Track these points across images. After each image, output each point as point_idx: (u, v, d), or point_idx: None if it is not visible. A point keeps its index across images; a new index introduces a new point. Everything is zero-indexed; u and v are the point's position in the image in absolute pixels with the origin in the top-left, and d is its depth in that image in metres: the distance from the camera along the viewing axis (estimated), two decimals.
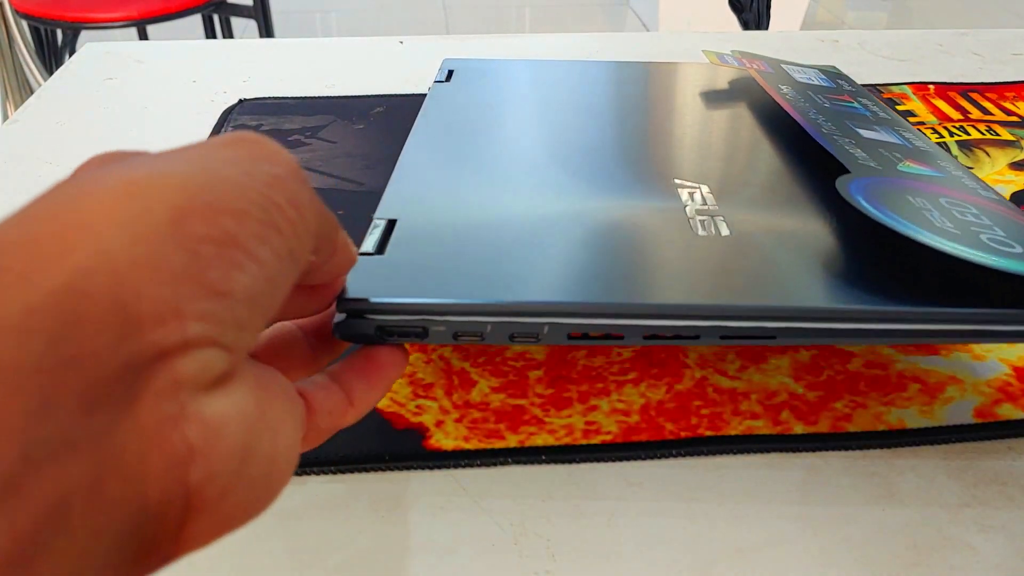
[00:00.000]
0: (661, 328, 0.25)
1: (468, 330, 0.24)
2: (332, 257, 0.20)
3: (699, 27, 2.43)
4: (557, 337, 0.24)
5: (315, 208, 0.18)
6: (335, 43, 0.66)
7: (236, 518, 0.16)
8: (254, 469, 0.16)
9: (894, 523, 0.27)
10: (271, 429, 0.16)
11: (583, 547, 0.26)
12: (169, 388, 0.14)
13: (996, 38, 0.68)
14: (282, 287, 0.17)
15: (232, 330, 0.15)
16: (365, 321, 0.24)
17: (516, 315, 0.24)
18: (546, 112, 0.40)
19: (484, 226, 0.29)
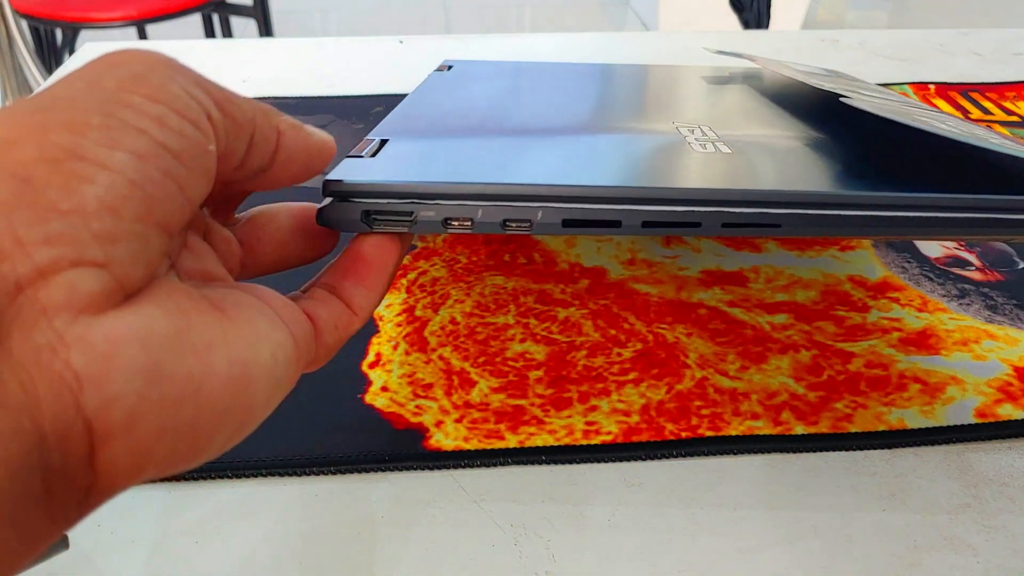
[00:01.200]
0: (660, 214, 0.23)
1: (458, 215, 0.23)
2: (274, 142, 0.20)
3: (699, 27, 2.43)
4: (552, 224, 0.23)
5: (201, 93, 0.17)
6: (335, 43, 0.66)
7: (162, 443, 0.15)
8: (169, 390, 0.15)
9: (895, 523, 0.27)
10: (196, 349, 0.16)
11: (583, 547, 0.26)
12: (36, 318, 0.14)
13: (996, 38, 0.68)
14: (167, 183, 0.16)
15: (97, 245, 0.14)
16: (350, 205, 0.23)
17: (509, 199, 0.23)
18: (547, 93, 0.40)
19: (479, 139, 0.29)
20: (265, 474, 0.28)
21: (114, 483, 0.15)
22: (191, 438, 0.16)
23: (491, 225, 0.23)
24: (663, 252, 0.40)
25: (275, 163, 0.20)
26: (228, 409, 0.16)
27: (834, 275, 0.38)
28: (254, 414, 0.17)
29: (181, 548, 0.26)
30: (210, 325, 0.16)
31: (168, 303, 0.16)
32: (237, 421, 0.17)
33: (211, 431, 0.16)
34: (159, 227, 0.16)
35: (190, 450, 0.16)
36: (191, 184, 0.17)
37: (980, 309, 0.36)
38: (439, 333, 0.35)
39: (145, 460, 0.15)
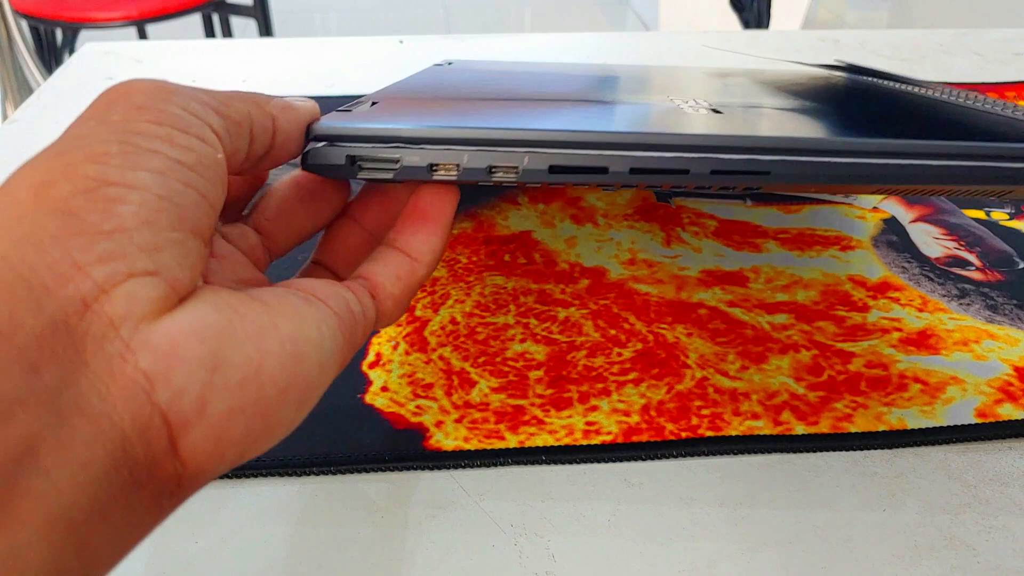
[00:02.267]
0: (649, 160, 0.23)
1: (444, 160, 0.23)
2: (271, 129, 0.21)
3: (699, 26, 2.43)
4: (538, 170, 0.23)
5: (199, 107, 0.19)
6: (335, 42, 0.66)
7: (236, 424, 0.17)
8: (231, 375, 0.17)
9: (895, 523, 0.27)
10: (249, 336, 0.17)
11: (583, 548, 0.26)
12: (106, 330, 0.15)
13: (996, 38, 0.68)
14: (189, 193, 0.18)
15: (145, 256, 0.16)
16: (335, 149, 0.23)
17: (495, 143, 0.23)
18: (545, 80, 0.40)
19: (469, 102, 0.29)
20: (265, 474, 0.28)
21: (202, 467, 0.17)
22: (261, 416, 0.17)
23: (477, 172, 0.23)
24: (663, 252, 0.40)
25: (274, 146, 0.22)
26: (289, 385, 0.18)
27: (834, 275, 0.38)
28: (312, 385, 0.19)
29: (181, 548, 0.26)
30: (257, 313, 0.18)
31: (216, 300, 0.17)
32: (298, 394, 0.18)
33: (277, 407, 0.18)
34: (193, 233, 0.18)
35: (263, 427, 0.17)
36: (210, 191, 0.18)
37: (980, 309, 0.36)
38: (439, 333, 0.35)
39: (224, 441, 0.17)
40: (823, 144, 0.23)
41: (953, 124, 0.27)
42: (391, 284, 0.23)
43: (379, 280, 0.23)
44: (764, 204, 0.44)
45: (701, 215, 0.43)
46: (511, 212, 0.43)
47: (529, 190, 0.45)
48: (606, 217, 0.43)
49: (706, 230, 0.42)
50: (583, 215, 0.43)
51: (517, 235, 0.41)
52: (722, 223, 0.42)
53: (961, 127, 0.26)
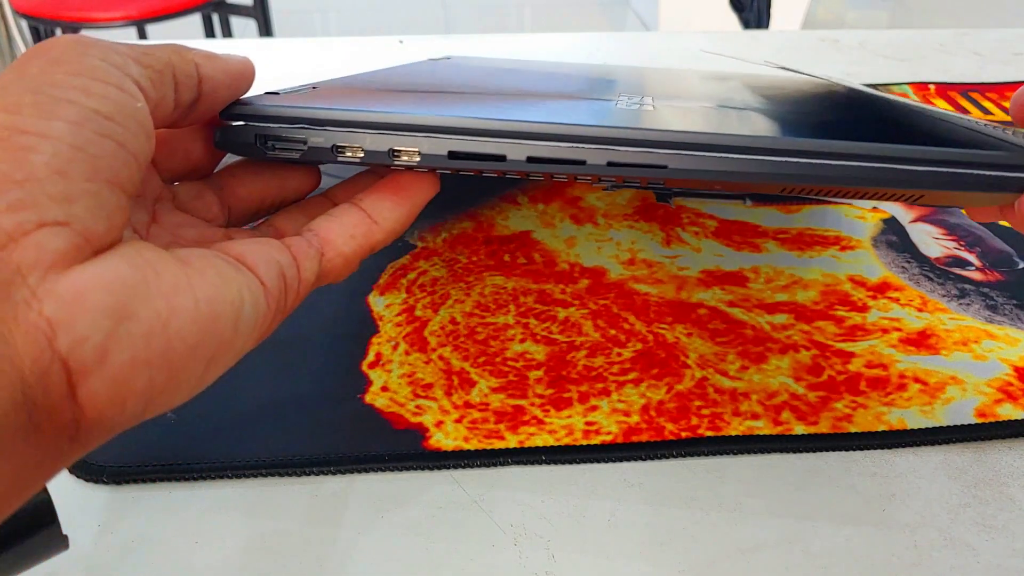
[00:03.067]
0: (546, 149, 0.23)
1: (348, 142, 0.24)
2: (195, 75, 0.22)
3: (699, 26, 2.43)
4: (438, 155, 0.23)
5: (118, 57, 0.19)
6: (335, 43, 0.66)
7: (138, 375, 0.17)
8: (137, 327, 0.17)
9: (895, 523, 0.27)
10: (163, 292, 0.17)
11: (583, 547, 0.26)
12: (12, 277, 0.16)
13: (996, 38, 0.68)
14: (106, 143, 0.17)
15: (56, 206, 0.16)
16: (245, 128, 0.24)
17: (396, 128, 0.23)
18: (518, 78, 0.40)
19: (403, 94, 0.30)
20: (265, 474, 0.28)
21: (102, 415, 0.17)
22: (166, 369, 0.17)
23: (380, 155, 0.24)
24: (663, 252, 0.40)
25: (202, 93, 0.22)
26: (199, 343, 0.18)
27: (834, 275, 0.38)
28: (225, 347, 0.19)
29: (181, 548, 0.26)
30: (175, 273, 0.18)
31: (134, 256, 0.18)
32: (209, 353, 0.18)
33: (184, 363, 0.18)
34: (110, 184, 0.17)
35: (168, 381, 0.18)
36: (130, 140, 0.18)
37: (980, 309, 0.36)
38: (439, 333, 0.35)
39: (125, 391, 0.17)
40: (720, 140, 0.23)
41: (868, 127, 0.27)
42: (343, 242, 0.23)
43: (331, 237, 0.23)
44: (764, 204, 0.44)
45: (701, 215, 0.43)
46: (511, 212, 0.43)
47: (529, 190, 0.45)
48: (606, 217, 0.43)
49: (706, 230, 0.42)
50: (583, 215, 0.43)
51: (517, 235, 0.41)
52: (722, 223, 0.42)
53: (878, 130, 0.26)
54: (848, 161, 0.22)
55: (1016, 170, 0.22)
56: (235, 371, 0.32)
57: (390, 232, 0.24)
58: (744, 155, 0.23)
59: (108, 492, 0.28)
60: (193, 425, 0.30)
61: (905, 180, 0.22)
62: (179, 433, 0.29)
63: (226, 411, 0.30)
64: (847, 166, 0.22)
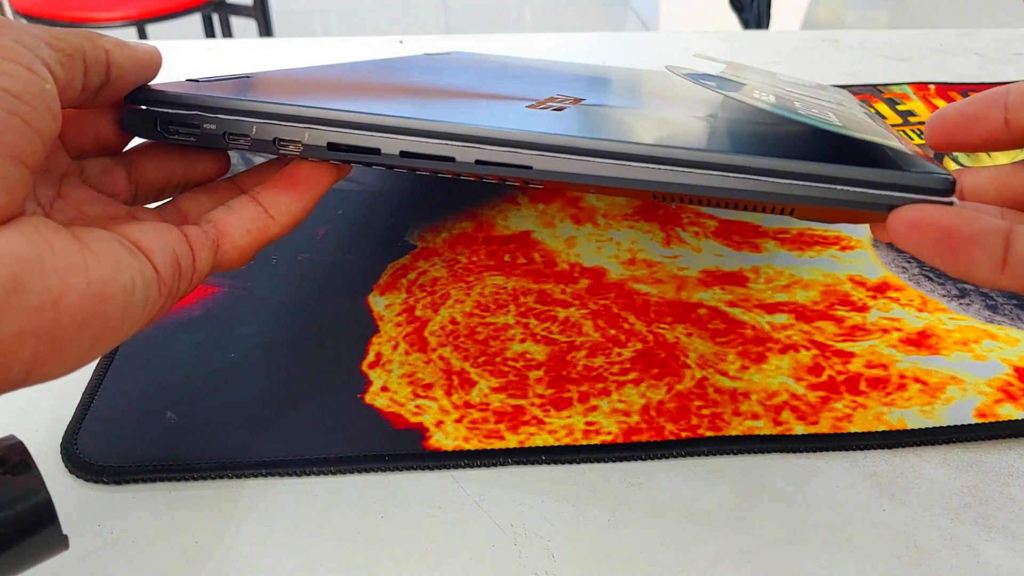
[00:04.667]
0: (417, 145, 0.24)
1: (235, 130, 0.25)
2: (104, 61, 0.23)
3: (699, 27, 2.43)
4: (318, 146, 0.25)
5: (30, 39, 0.20)
6: (335, 43, 0.66)
7: (24, 345, 0.18)
8: (27, 300, 0.18)
9: (895, 523, 0.27)
10: (56, 269, 0.18)
11: (583, 548, 0.26)
12: None
13: (996, 38, 0.68)
14: (12, 120, 0.18)
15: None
16: (146, 112, 0.25)
17: (280, 118, 0.25)
18: (483, 76, 0.41)
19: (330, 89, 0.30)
20: (265, 474, 0.28)
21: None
22: (51, 343, 0.19)
23: (265, 144, 0.25)
24: (663, 252, 0.40)
25: (110, 78, 0.23)
26: (86, 321, 0.19)
27: (834, 275, 0.38)
28: (112, 328, 0.20)
29: (181, 548, 0.26)
30: (71, 251, 0.19)
31: (32, 232, 0.18)
32: (95, 332, 0.19)
33: (70, 339, 0.19)
34: (13, 159, 0.18)
35: (53, 354, 0.19)
36: (36, 119, 0.19)
37: (980, 309, 0.36)
38: (439, 333, 0.35)
39: (9, 360, 0.18)
40: (582, 144, 0.23)
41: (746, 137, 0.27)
42: (240, 235, 0.24)
43: (228, 230, 0.24)
44: None
45: (701, 215, 0.43)
46: (511, 212, 0.43)
47: (529, 190, 0.45)
48: (606, 217, 0.43)
49: (706, 230, 0.42)
50: (583, 215, 0.43)
51: (517, 235, 0.41)
52: (722, 223, 0.42)
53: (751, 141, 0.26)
54: (704, 170, 0.23)
55: (883, 188, 0.21)
56: (235, 371, 0.32)
57: (285, 226, 0.25)
58: (603, 159, 0.23)
59: (108, 492, 0.28)
60: (193, 425, 0.30)
61: (755, 192, 0.22)
62: (179, 433, 0.29)
63: (226, 411, 0.30)
64: (706, 174, 0.23)
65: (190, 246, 0.23)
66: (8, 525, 0.19)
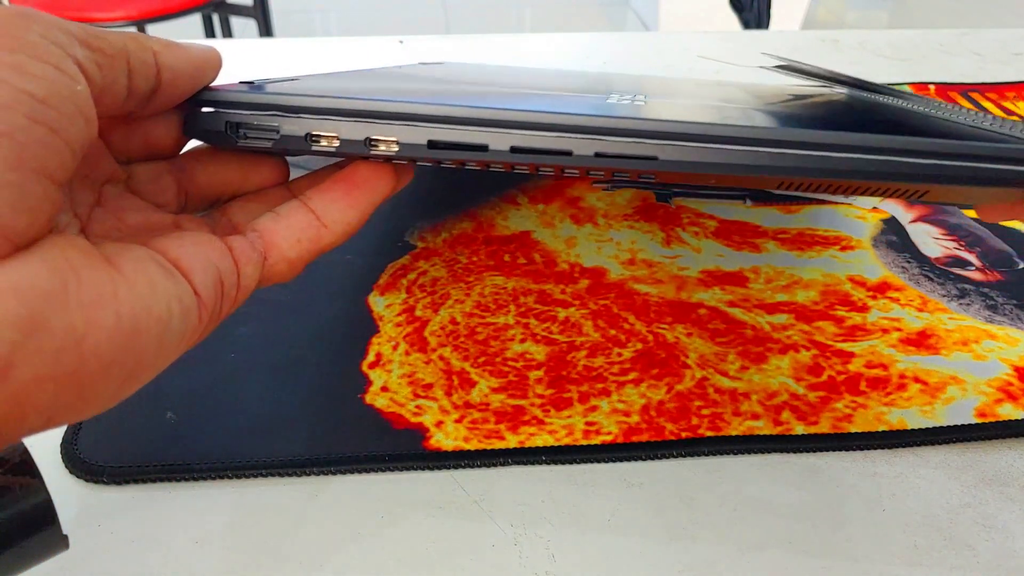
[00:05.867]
0: (530, 139, 0.22)
1: (322, 131, 0.23)
2: (153, 64, 0.20)
3: (699, 27, 2.43)
4: (417, 144, 0.22)
5: (62, 35, 0.17)
6: (335, 43, 0.66)
7: (43, 391, 0.16)
8: (48, 342, 0.15)
9: (895, 523, 0.27)
10: (82, 303, 0.16)
11: (583, 548, 0.26)
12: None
13: (996, 38, 0.68)
14: (35, 128, 0.16)
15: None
16: (215, 114, 0.23)
17: (373, 116, 0.22)
18: (506, 78, 0.40)
19: (384, 86, 0.29)
20: (265, 474, 0.28)
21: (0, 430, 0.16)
22: (75, 387, 0.16)
23: (356, 144, 0.23)
24: (663, 252, 0.40)
25: (162, 83, 0.21)
26: (115, 360, 0.17)
27: (834, 275, 0.38)
28: (145, 364, 0.18)
29: (181, 548, 0.26)
30: (101, 280, 0.17)
31: (56, 258, 0.16)
32: (125, 372, 0.17)
33: (96, 381, 0.17)
34: (37, 174, 0.16)
35: (76, 399, 0.16)
36: (64, 125, 0.16)
37: (980, 309, 0.36)
38: (439, 333, 0.35)
39: (26, 407, 0.16)
40: (715, 130, 0.22)
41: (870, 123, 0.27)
42: (289, 246, 0.22)
43: (276, 240, 0.22)
44: (764, 204, 0.44)
45: (701, 215, 0.43)
46: (511, 212, 0.43)
47: (529, 190, 0.45)
48: (606, 217, 0.43)
49: (706, 230, 0.42)
50: (583, 215, 0.43)
51: (517, 235, 0.41)
52: (722, 223, 0.42)
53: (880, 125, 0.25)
54: (851, 153, 0.21)
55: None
56: (236, 372, 0.32)
57: (340, 235, 0.23)
58: (741, 146, 0.22)
59: (108, 492, 0.28)
60: (193, 425, 0.30)
61: (907, 173, 0.22)
62: (179, 433, 0.29)
63: (226, 411, 0.30)
64: (850, 158, 0.21)
65: (234, 261, 0.21)
66: (8, 525, 0.19)
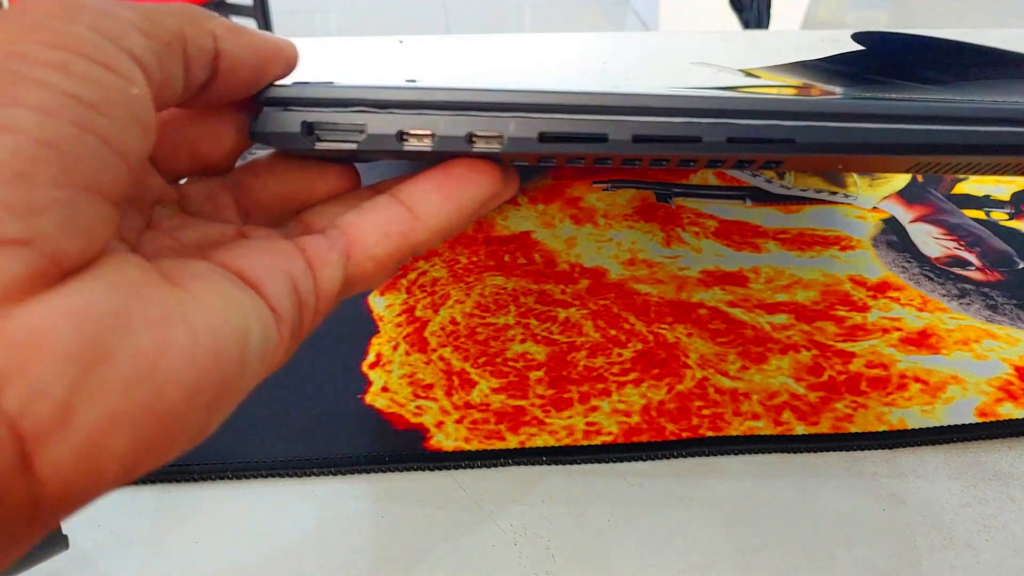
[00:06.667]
0: (654, 126, 0.20)
1: (416, 127, 0.20)
2: (212, 50, 0.17)
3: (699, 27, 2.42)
4: (527, 138, 0.20)
5: (114, 24, 0.15)
6: (335, 43, 0.66)
7: (118, 434, 0.13)
8: (115, 372, 0.13)
9: (895, 523, 0.27)
10: (149, 323, 0.14)
11: (583, 548, 0.26)
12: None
13: (996, 38, 0.68)
14: (86, 139, 0.14)
15: (14, 219, 0.12)
16: (289, 114, 0.20)
17: (476, 107, 0.20)
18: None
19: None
20: (265, 474, 0.28)
21: (72, 487, 0.13)
22: (156, 423, 0.14)
23: (455, 140, 0.20)
24: (663, 252, 0.40)
25: (218, 73, 0.18)
26: (197, 386, 0.14)
27: (834, 275, 0.38)
28: (231, 386, 0.15)
29: (181, 548, 0.26)
30: (165, 296, 0.14)
31: (114, 277, 0.14)
32: (209, 399, 0.14)
33: (180, 413, 0.14)
34: (89, 191, 0.14)
35: (159, 437, 0.14)
36: (118, 135, 0.14)
37: (980, 309, 0.36)
38: (439, 333, 0.35)
39: (101, 455, 0.13)
40: (851, 108, 0.20)
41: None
42: (375, 242, 0.19)
43: (360, 236, 0.19)
44: (764, 204, 0.44)
45: (701, 215, 0.43)
46: (511, 212, 0.43)
47: (529, 190, 0.45)
48: (606, 217, 0.43)
49: (706, 230, 0.42)
50: (583, 215, 0.43)
51: (517, 235, 0.41)
52: (722, 223, 0.42)
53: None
54: (1013, 127, 0.20)
55: None
56: None
57: (433, 230, 0.19)
58: (888, 124, 0.20)
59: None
60: None
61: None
62: None
63: None
64: (1013, 132, 0.20)
65: (308, 263, 0.18)
66: None
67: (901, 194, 0.45)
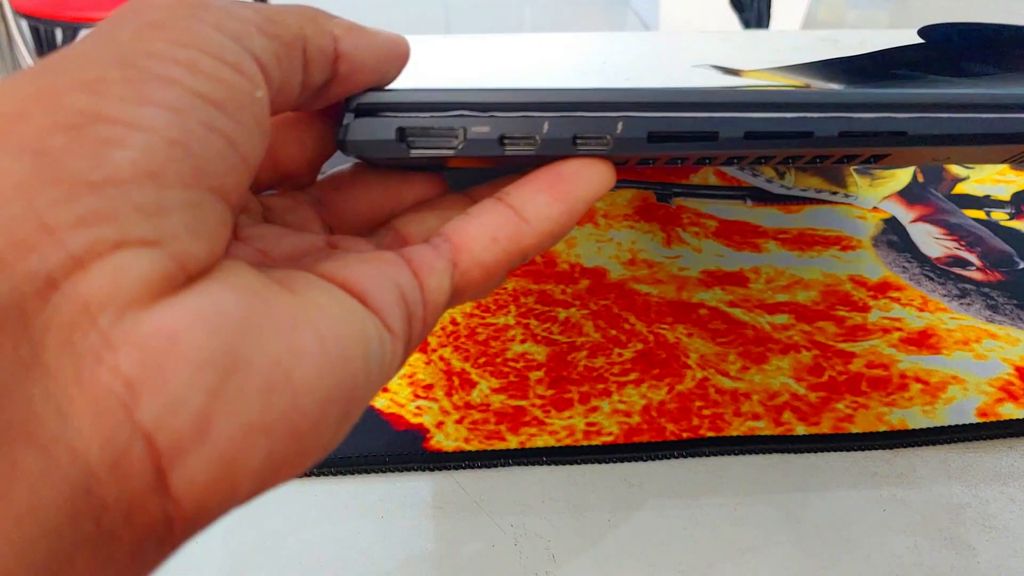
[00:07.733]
0: (768, 122, 0.19)
1: (520, 131, 0.19)
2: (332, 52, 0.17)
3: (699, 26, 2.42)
4: (635, 138, 0.19)
5: (238, 25, 0.14)
6: None
7: (254, 447, 0.12)
8: (251, 381, 0.12)
9: (895, 523, 0.27)
10: (279, 329, 0.13)
11: (583, 548, 0.26)
12: (77, 319, 0.11)
13: None
14: (213, 139, 0.13)
15: (144, 220, 0.12)
16: (381, 121, 0.19)
17: (582, 107, 0.19)
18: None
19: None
20: None
21: (205, 504, 0.12)
22: (291, 436, 0.13)
23: (559, 143, 0.19)
24: (663, 252, 0.40)
25: (337, 75, 0.17)
26: (329, 396, 0.13)
27: (835, 275, 0.38)
28: (357, 397, 0.14)
29: (181, 548, 0.26)
30: (291, 305, 0.14)
31: (238, 282, 0.13)
32: (341, 409, 0.14)
33: (314, 424, 0.13)
34: (214, 193, 0.13)
35: (294, 450, 0.13)
36: (242, 139, 0.14)
37: (981, 309, 0.36)
38: (439, 334, 0.35)
39: (237, 470, 0.12)
40: (968, 99, 0.20)
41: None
42: (482, 248, 0.18)
43: (466, 242, 0.18)
44: (764, 204, 0.44)
45: (701, 215, 0.43)
46: None
47: None
48: (606, 217, 0.43)
49: (706, 230, 0.42)
50: (583, 216, 0.43)
51: None
52: (722, 223, 0.42)
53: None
54: None
55: None
56: None
57: (544, 234, 0.18)
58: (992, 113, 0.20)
59: None
60: None
61: None
62: None
63: None
64: None
65: (414, 273, 0.17)
66: None
67: (901, 194, 0.45)
